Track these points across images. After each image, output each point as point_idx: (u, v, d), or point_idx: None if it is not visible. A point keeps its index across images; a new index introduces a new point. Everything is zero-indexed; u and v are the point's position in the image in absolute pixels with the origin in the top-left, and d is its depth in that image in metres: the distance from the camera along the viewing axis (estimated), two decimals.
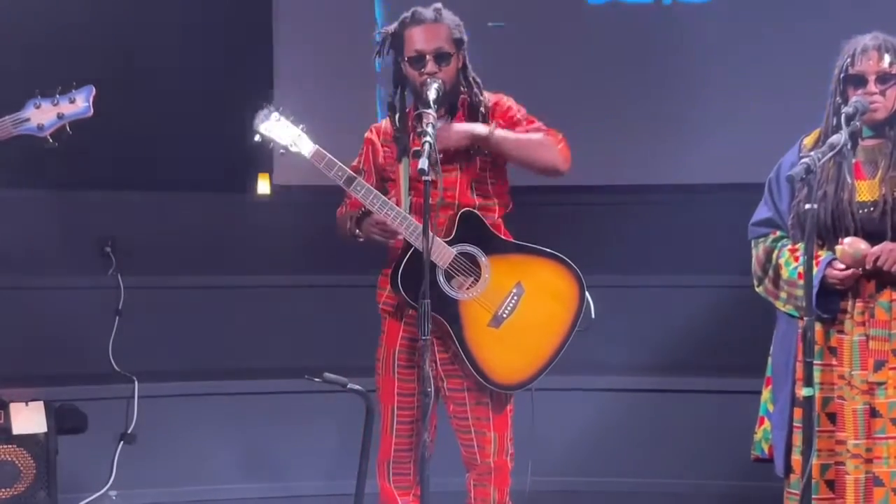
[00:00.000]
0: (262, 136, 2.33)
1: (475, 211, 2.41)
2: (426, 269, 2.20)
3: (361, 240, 2.44)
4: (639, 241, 4.25)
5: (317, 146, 2.33)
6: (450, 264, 2.36)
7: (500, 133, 2.36)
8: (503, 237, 2.44)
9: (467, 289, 2.39)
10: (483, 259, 2.37)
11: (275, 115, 2.32)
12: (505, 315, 2.40)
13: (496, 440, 2.44)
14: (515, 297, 2.41)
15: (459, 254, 2.37)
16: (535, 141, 2.39)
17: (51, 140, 2.19)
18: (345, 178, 2.33)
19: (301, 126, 2.33)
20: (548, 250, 2.46)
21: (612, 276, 3.96)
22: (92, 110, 2.20)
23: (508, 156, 2.39)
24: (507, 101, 2.47)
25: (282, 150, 2.34)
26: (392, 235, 2.37)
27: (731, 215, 3.26)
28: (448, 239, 2.36)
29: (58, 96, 2.17)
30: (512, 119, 2.43)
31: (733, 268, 3.61)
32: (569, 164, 2.43)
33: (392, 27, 2.43)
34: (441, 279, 2.35)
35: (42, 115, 2.16)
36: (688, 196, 4.37)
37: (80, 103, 2.18)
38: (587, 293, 2.45)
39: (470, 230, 2.38)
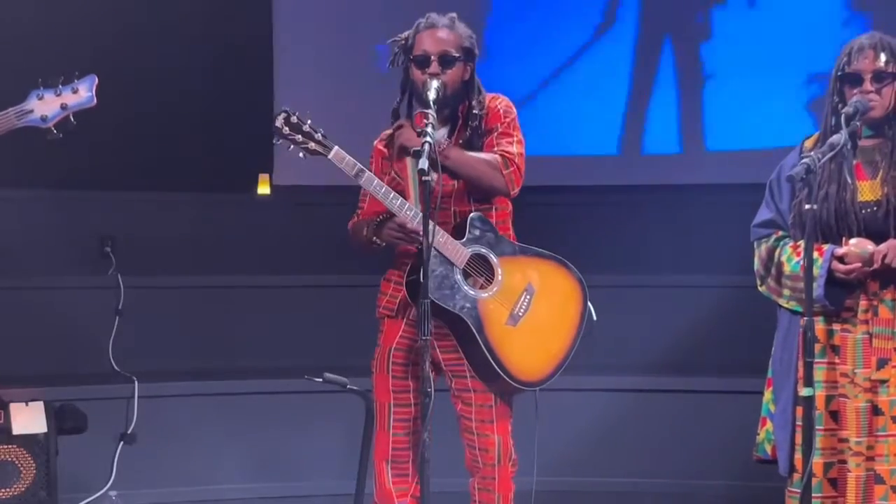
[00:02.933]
0: (284, 138, 2.35)
1: (482, 214, 2.45)
2: (426, 268, 2.21)
3: (382, 245, 2.46)
4: (639, 241, 4.26)
5: (336, 146, 2.36)
6: (465, 265, 2.39)
7: (451, 152, 2.37)
8: (509, 240, 2.48)
9: (482, 288, 2.42)
10: (494, 259, 2.41)
11: (294, 117, 2.34)
12: (521, 313, 2.43)
13: (500, 444, 2.46)
14: (528, 296, 2.44)
15: (473, 254, 2.40)
16: (482, 161, 2.40)
17: (55, 131, 2.17)
18: (364, 179, 2.36)
19: (320, 128, 2.36)
20: (549, 253, 2.51)
21: (612, 277, 3.97)
22: (95, 100, 2.17)
23: (457, 174, 2.39)
24: (501, 105, 2.49)
25: (301, 153, 2.36)
26: (413, 238, 2.38)
27: (731, 216, 3.28)
28: (461, 241, 2.40)
29: (60, 86, 2.14)
30: (492, 125, 2.45)
31: (733, 268, 3.62)
32: (516, 188, 2.44)
33: (406, 33, 2.45)
34: (459, 278, 2.38)
35: (45, 107, 2.13)
36: (688, 196, 4.38)
37: (83, 93, 2.16)
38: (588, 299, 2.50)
39: (480, 232, 2.42)
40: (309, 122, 2.35)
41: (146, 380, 3.62)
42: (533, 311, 2.44)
